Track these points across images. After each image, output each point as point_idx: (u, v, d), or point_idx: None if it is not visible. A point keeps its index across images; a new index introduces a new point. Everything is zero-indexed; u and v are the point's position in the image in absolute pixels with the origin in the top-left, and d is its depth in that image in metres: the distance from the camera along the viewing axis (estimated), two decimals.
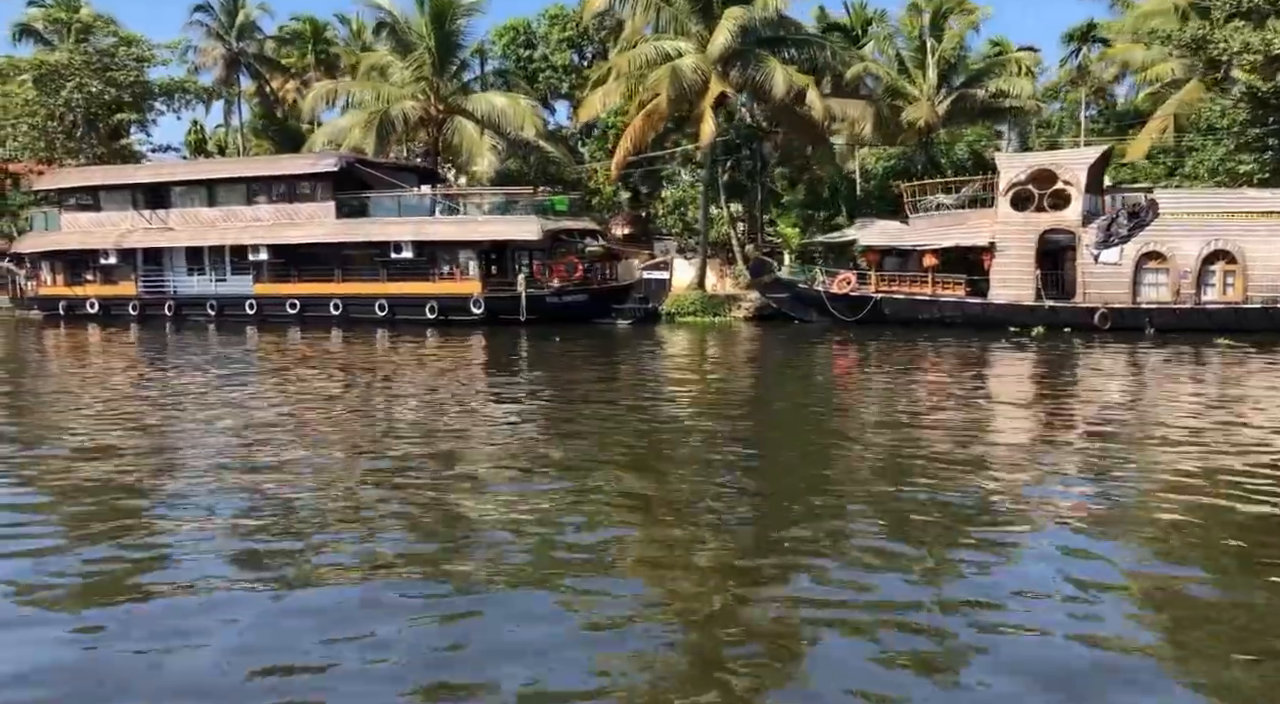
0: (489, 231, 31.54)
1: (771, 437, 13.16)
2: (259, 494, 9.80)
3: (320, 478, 10.57)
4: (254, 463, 11.34)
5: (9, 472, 11.13)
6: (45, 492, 10.29)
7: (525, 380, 19.32)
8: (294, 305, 33.90)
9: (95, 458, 11.67)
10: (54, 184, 39.19)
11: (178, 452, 12.35)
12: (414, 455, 11.64)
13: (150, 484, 10.40)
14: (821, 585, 7.16)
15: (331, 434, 13.21)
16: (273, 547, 8.12)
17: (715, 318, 33.11)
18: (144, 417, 14.74)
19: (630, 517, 9.11)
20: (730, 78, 29.50)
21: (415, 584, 7.22)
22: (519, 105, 35.84)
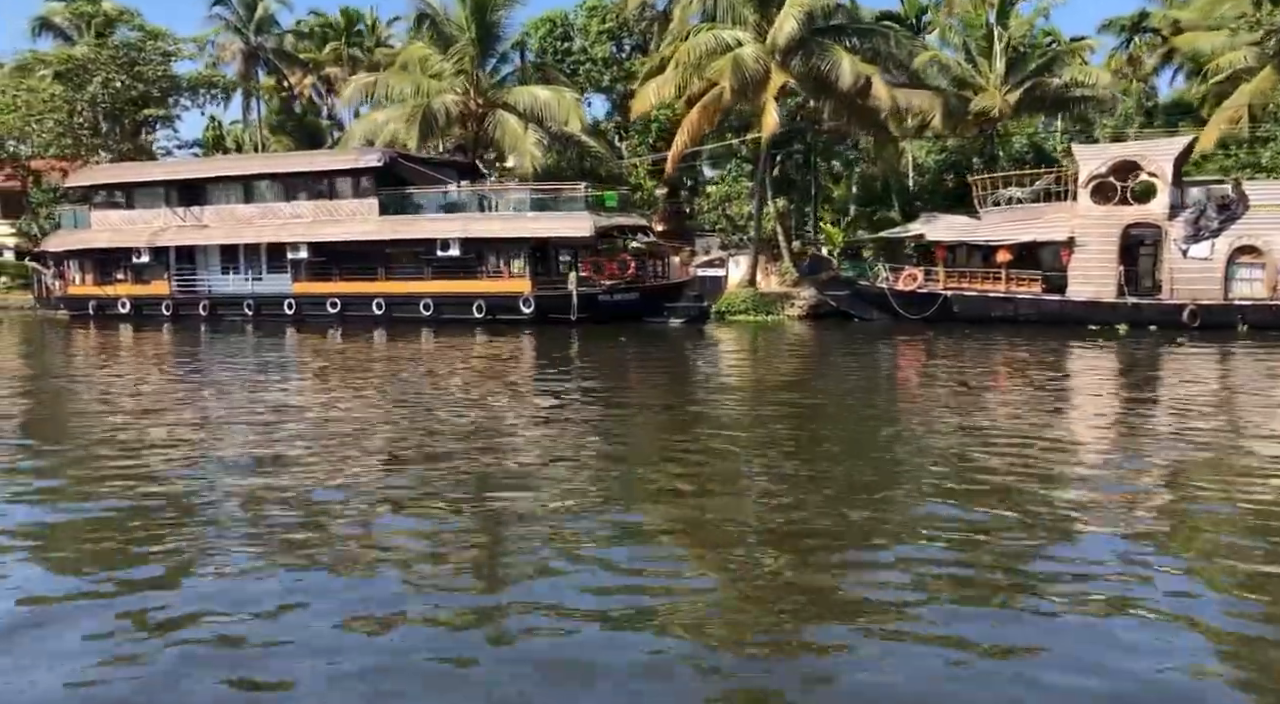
0: (540, 228, 30.67)
1: (842, 445, 12.05)
2: (299, 503, 8.99)
3: (367, 485, 9.72)
4: (296, 468, 10.40)
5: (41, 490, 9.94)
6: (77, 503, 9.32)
7: (584, 383, 18.38)
8: (334, 305, 33.05)
9: (144, 469, 10.65)
10: (84, 181, 38.35)
11: (220, 458, 11.29)
12: (461, 454, 11.00)
13: (195, 500, 9.28)
14: (877, 608, 6.33)
15: (380, 438, 12.41)
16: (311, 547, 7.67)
17: (767, 316, 32.30)
18: (190, 426, 13.71)
19: (688, 538, 8.04)
20: (790, 68, 28.62)
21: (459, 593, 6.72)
22: (563, 98, 35.00)
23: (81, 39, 49.18)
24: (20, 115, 41.24)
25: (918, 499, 9.07)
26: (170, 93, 45.00)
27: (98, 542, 7.97)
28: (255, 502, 8.96)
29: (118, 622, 6.13)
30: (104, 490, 9.50)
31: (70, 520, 8.60)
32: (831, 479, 9.90)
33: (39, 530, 8.30)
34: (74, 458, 11.34)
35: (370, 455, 11.22)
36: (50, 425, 13.85)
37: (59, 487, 9.89)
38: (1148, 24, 41.15)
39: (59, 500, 9.35)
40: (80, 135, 43.08)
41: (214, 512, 8.68)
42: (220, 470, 10.30)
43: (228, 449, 11.62)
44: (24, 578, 7.02)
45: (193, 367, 21.76)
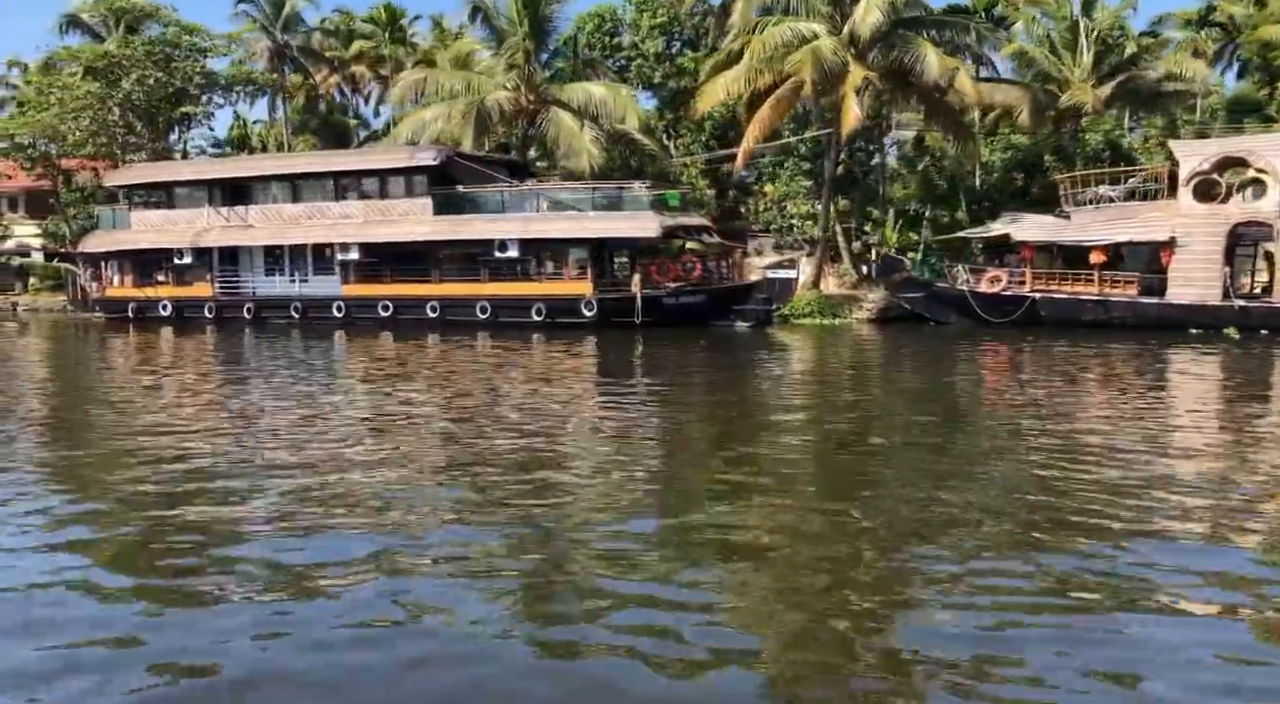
0: (603, 228, 29.70)
1: (931, 459, 11.08)
2: (351, 517, 8.60)
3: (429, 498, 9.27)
4: (349, 478, 9.99)
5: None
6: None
7: (651, 393, 17.41)
8: (386, 308, 32.11)
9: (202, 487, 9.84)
10: (123, 180, 37.47)
11: (280, 468, 10.70)
12: (517, 468, 10.36)
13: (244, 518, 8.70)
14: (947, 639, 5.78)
15: (434, 447, 11.92)
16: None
17: (834, 320, 31.33)
18: (246, 432, 13.09)
19: (760, 566, 7.29)
20: (869, 61, 27.64)
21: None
22: (619, 95, 34.10)
23: (110, 36, 48.32)
24: (55, 113, 40.29)
25: (1020, 532, 8.03)
26: (207, 90, 44.02)
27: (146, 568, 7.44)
28: (305, 511, 8.73)
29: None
30: (159, 505, 8.99)
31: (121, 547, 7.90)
32: (945, 500, 8.94)
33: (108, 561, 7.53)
34: (129, 478, 10.34)
35: (422, 466, 10.75)
36: (111, 444, 12.76)
37: (110, 512, 8.98)
38: (1213, 18, 40.10)
39: (117, 524, 8.55)
40: (115, 133, 42.13)
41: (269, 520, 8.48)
42: (282, 480, 9.91)
43: (286, 456, 11.15)
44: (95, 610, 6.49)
45: (246, 373, 20.81)
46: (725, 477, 10.21)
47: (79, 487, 10.08)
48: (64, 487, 10.09)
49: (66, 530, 8.25)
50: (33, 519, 8.62)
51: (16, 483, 10.07)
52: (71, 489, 9.95)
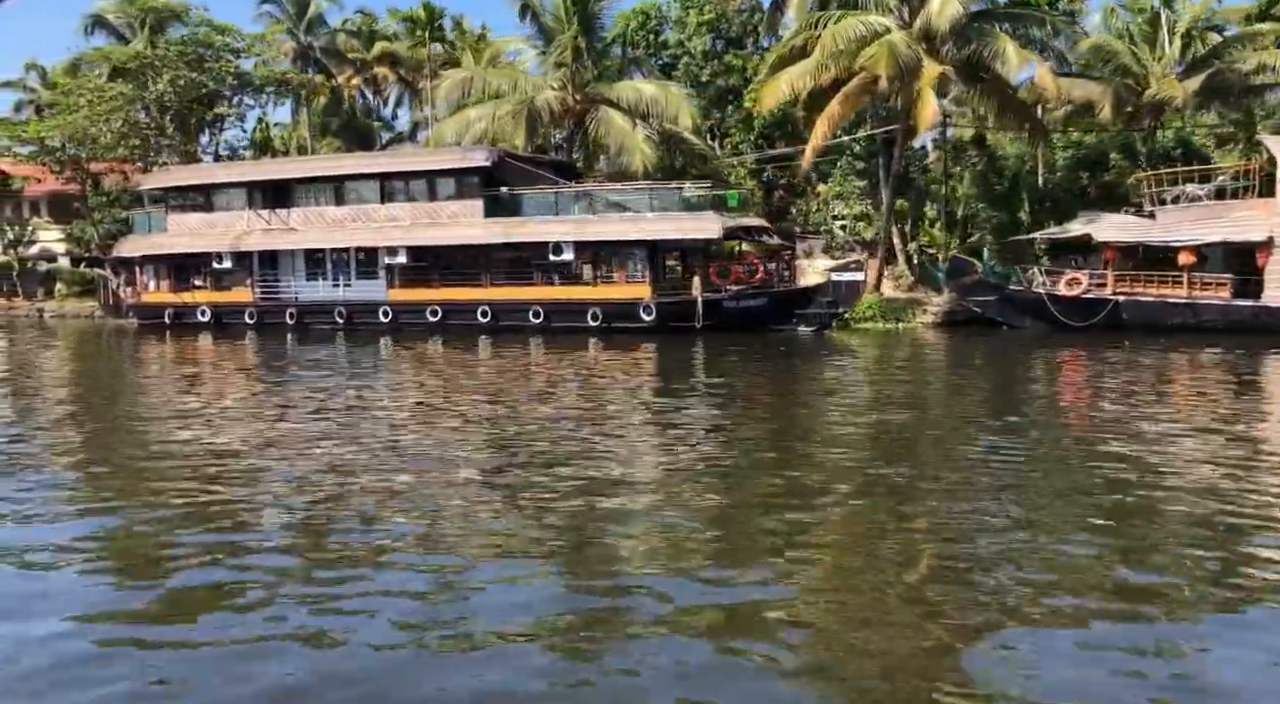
0: (663, 230, 28.90)
1: (1020, 475, 10.37)
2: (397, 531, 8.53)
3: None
4: (396, 493, 9.88)
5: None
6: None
7: (725, 401, 16.75)
8: (435, 313, 31.31)
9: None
10: (160, 182, 36.78)
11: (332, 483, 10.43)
12: (572, 488, 9.91)
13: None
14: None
15: (485, 462, 11.55)
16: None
17: (897, 324, 30.48)
18: (299, 441, 12.84)
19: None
20: (940, 55, 26.82)
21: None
22: (671, 94, 33.32)
23: (136, 37, 47.69)
24: (86, 115, 39.56)
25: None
26: (239, 91, 43.27)
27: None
28: (353, 525, 8.69)
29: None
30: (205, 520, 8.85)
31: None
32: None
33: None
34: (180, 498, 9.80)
35: (471, 483, 10.46)
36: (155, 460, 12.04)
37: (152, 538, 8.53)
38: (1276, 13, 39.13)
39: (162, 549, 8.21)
40: (147, 135, 41.42)
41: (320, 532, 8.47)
42: (332, 498, 9.71)
43: (338, 472, 10.84)
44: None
45: (295, 382, 20.07)
46: (789, 492, 9.81)
47: (110, 502, 9.75)
48: (99, 504, 9.73)
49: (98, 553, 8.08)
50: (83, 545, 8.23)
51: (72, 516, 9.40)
52: (106, 503, 9.73)
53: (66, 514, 9.38)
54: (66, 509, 9.57)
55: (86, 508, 9.62)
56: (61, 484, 10.77)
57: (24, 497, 9.82)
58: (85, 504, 9.79)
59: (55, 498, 9.94)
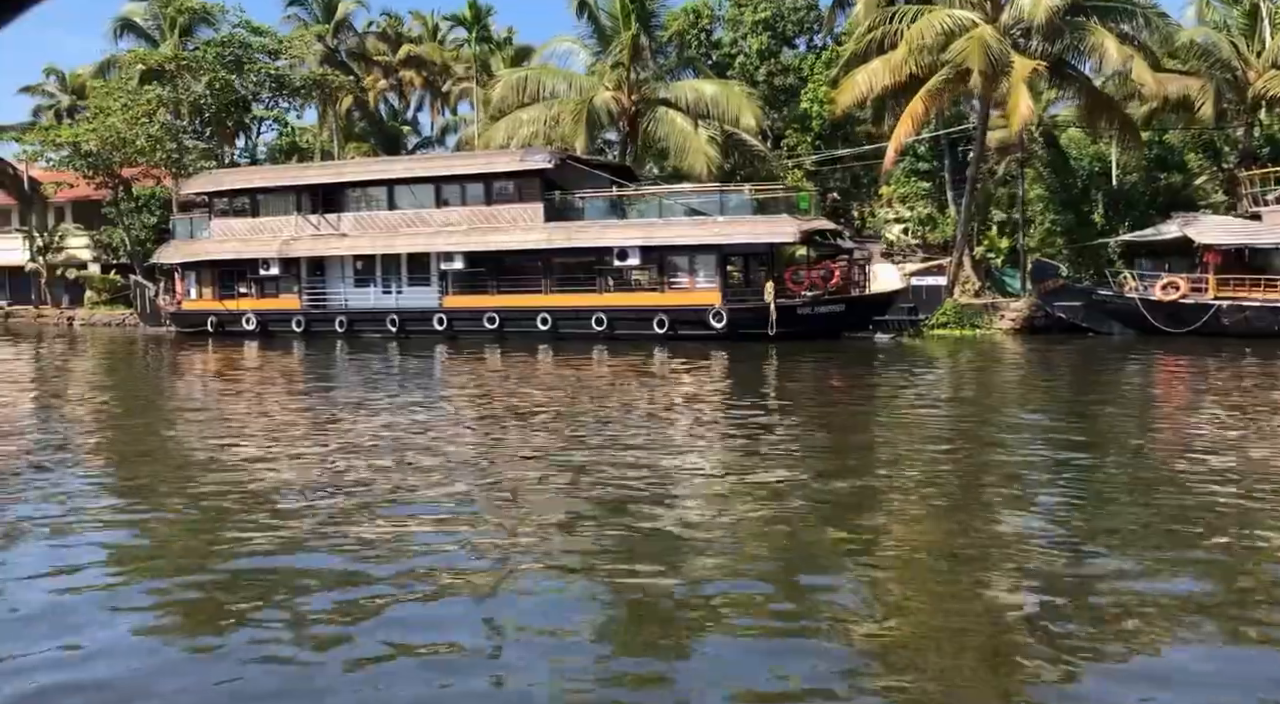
0: (737, 233, 28.03)
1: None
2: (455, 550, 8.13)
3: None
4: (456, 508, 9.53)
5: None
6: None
7: (807, 413, 15.95)
8: (492, 320, 30.41)
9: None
10: (204, 187, 35.96)
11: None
12: (638, 510, 9.18)
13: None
14: None
15: (546, 477, 10.90)
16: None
17: (973, 330, 29.58)
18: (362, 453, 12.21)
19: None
20: (1029, 50, 25.96)
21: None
22: (733, 93, 32.47)
23: (165, 40, 46.96)
24: (123, 118, 38.72)
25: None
26: (280, 93, 42.45)
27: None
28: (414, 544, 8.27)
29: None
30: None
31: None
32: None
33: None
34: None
35: (533, 494, 10.10)
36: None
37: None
38: None
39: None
40: (181, 139, 40.58)
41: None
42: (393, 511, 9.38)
43: (397, 488, 10.39)
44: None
45: (361, 396, 19.12)
46: (864, 507, 9.43)
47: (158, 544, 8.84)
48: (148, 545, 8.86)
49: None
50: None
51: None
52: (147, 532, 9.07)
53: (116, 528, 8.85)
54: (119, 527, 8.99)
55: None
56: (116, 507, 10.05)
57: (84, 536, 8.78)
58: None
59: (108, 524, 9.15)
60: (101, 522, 9.22)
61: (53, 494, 10.23)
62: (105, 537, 8.71)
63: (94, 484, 11.17)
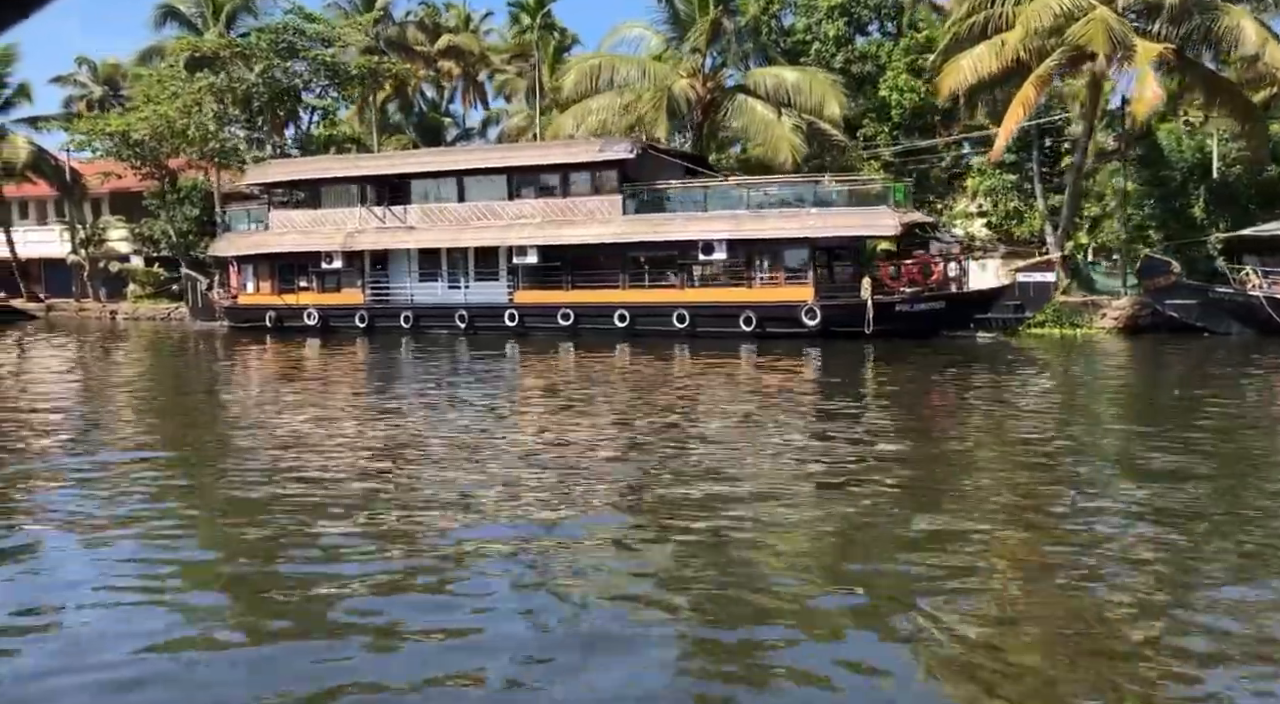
0: (832, 226, 26.83)
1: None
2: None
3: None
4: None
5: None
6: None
7: (916, 422, 14.71)
8: (566, 316, 29.33)
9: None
10: (262, 177, 34.99)
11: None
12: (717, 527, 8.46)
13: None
14: None
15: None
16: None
17: (1074, 329, 28.38)
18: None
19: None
20: (1150, 34, 24.71)
21: None
22: (816, 80, 31.29)
23: (209, 28, 46.06)
24: (177, 106, 37.79)
25: None
26: (334, 82, 41.41)
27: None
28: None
29: None
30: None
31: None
32: None
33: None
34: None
35: (609, 501, 9.58)
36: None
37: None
38: None
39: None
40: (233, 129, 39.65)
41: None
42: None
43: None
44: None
45: (445, 390, 18.43)
46: (968, 519, 8.65)
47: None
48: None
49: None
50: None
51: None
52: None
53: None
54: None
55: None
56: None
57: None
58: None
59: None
60: (186, 539, 8.49)
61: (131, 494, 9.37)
62: (187, 556, 7.93)
63: (183, 489, 10.13)
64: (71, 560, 7.74)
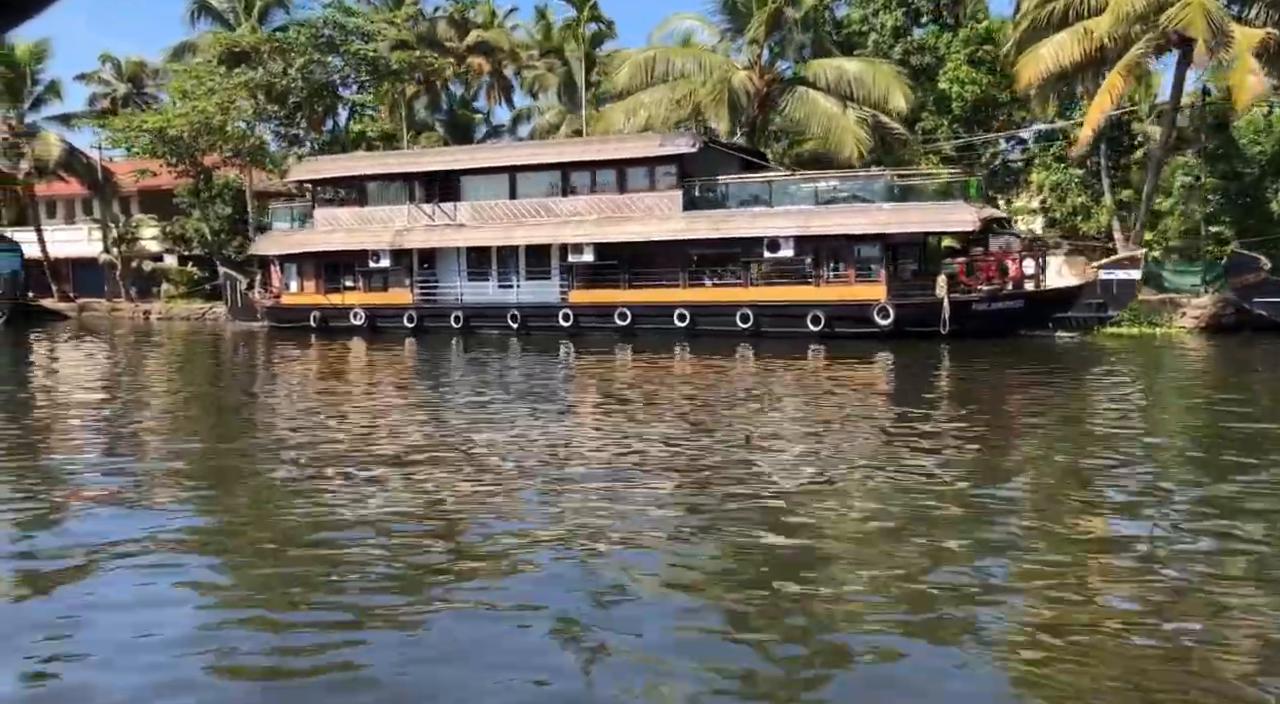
0: (906, 221, 25.93)
1: None
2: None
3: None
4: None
5: None
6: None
7: (1006, 428, 13.75)
8: (623, 316, 28.48)
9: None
10: (307, 174, 34.31)
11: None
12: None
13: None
14: None
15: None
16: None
17: (1153, 328, 27.37)
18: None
19: None
20: (1247, 19, 23.73)
21: None
22: (880, 71, 30.34)
23: (242, 23, 45.39)
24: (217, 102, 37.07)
25: None
26: (380, 75, 40.60)
27: None
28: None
29: None
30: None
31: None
32: None
33: None
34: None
35: (667, 514, 8.83)
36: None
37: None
38: None
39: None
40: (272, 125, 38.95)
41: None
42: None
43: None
44: None
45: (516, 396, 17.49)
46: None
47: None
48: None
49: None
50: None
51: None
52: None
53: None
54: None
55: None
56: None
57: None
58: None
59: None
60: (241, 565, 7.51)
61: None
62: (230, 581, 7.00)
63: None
64: (123, 562, 7.39)
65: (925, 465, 10.72)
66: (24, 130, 44.95)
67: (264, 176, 43.38)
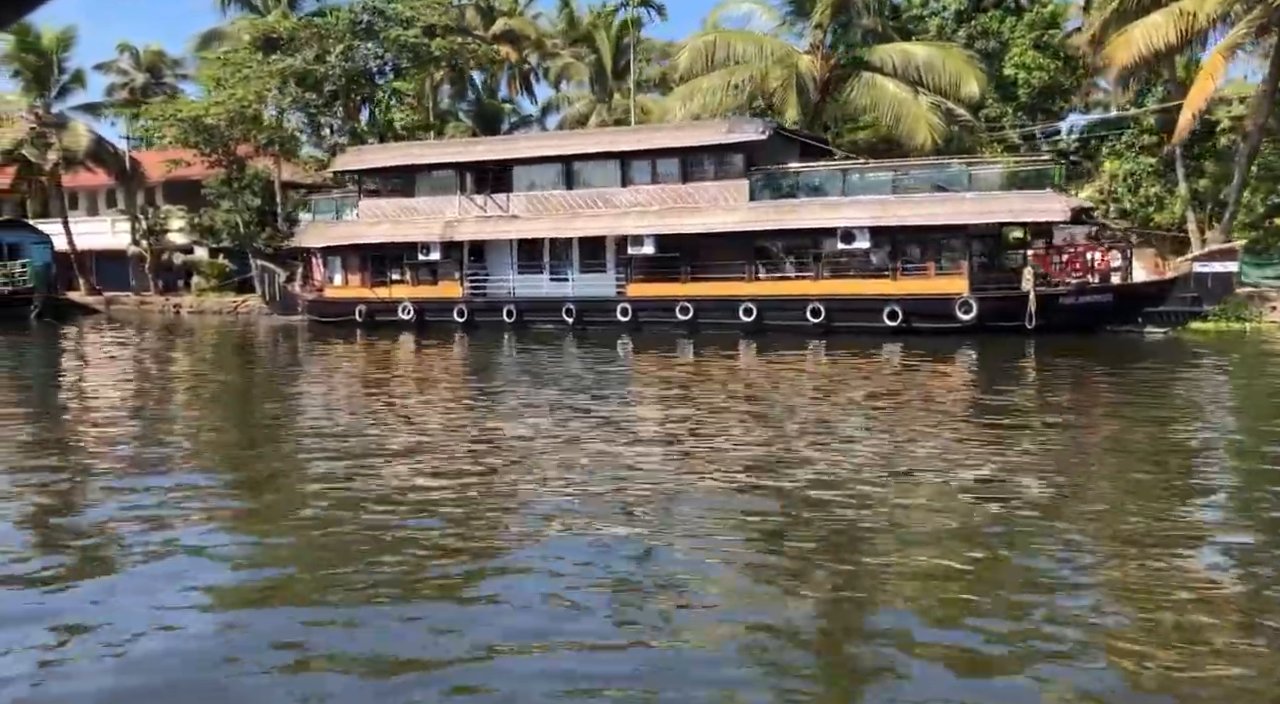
0: (992, 212, 24.84)
1: None
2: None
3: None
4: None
5: None
6: None
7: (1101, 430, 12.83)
8: (685, 310, 27.43)
9: None
10: (354, 164, 33.28)
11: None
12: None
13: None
14: None
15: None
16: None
17: (1241, 323, 26.29)
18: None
19: None
20: None
21: None
22: (951, 56, 29.23)
23: (271, 11, 44.37)
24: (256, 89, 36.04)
25: None
26: (423, 63, 39.50)
27: None
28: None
29: None
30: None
31: None
32: None
33: None
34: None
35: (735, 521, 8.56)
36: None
37: None
38: None
39: None
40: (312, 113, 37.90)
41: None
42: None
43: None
44: None
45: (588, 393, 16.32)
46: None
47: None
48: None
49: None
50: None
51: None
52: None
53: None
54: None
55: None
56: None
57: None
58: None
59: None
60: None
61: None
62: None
63: None
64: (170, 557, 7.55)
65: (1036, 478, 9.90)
66: (52, 120, 43.91)
67: (293, 168, 42.38)
